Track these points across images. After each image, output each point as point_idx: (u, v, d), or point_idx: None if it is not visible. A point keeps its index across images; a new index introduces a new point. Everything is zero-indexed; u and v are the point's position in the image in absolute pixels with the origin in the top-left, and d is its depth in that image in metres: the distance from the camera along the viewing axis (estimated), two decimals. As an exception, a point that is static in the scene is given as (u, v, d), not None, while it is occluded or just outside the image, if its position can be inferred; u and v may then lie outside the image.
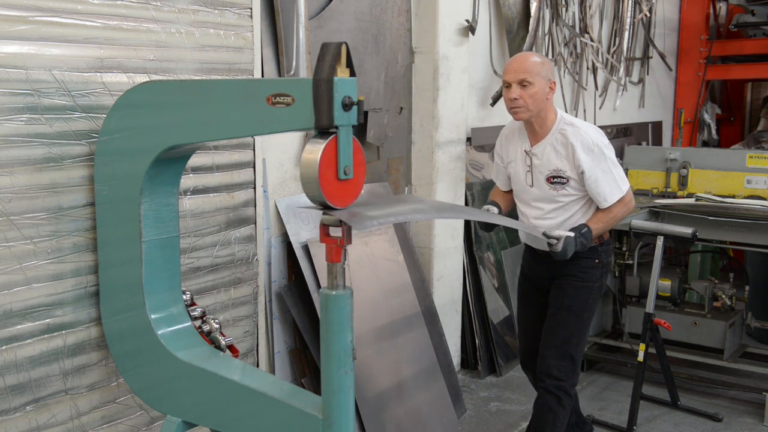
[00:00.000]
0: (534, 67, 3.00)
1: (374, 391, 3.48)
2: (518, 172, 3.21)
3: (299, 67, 3.28)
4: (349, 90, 1.88)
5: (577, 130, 3.04)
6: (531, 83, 2.99)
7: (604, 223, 3.08)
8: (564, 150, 3.05)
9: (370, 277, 3.66)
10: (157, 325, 2.32)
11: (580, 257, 3.11)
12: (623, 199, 3.09)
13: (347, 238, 1.97)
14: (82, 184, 2.40)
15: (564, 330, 3.16)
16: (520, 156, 3.18)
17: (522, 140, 3.19)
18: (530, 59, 3.05)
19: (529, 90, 2.99)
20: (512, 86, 3.01)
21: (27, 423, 2.33)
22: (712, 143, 7.66)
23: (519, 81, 2.99)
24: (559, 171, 3.06)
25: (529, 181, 3.16)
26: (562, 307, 3.17)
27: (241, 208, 3.03)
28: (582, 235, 2.98)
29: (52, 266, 2.35)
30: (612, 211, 3.08)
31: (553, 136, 3.08)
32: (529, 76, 2.99)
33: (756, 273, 4.97)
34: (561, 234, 2.95)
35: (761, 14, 7.10)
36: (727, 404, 4.30)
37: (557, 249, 2.94)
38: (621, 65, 6.36)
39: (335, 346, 2.01)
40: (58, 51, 2.32)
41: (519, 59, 3.08)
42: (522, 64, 3.02)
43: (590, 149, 3.01)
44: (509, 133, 3.30)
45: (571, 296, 3.16)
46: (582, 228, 3.01)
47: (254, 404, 2.19)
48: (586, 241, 3.00)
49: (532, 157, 3.13)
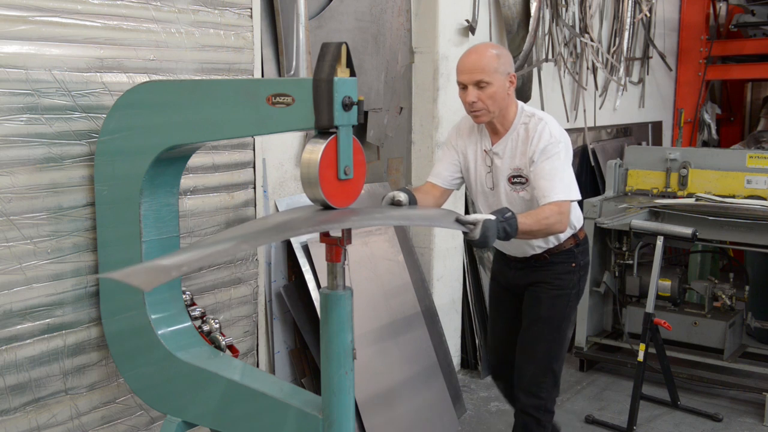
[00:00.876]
0: (490, 64, 2.65)
1: (374, 391, 3.48)
2: (478, 174, 2.89)
3: (299, 67, 3.28)
4: (349, 90, 1.88)
5: (539, 121, 2.74)
6: (489, 83, 2.66)
7: (533, 221, 2.57)
8: (524, 145, 2.74)
9: (370, 277, 3.66)
10: (157, 325, 2.32)
11: (555, 262, 2.89)
12: (561, 206, 2.63)
13: (347, 237, 1.98)
14: (82, 184, 2.40)
15: (542, 344, 2.90)
16: (480, 156, 2.87)
17: (480, 138, 2.88)
18: (486, 54, 2.68)
19: (488, 90, 2.66)
20: (468, 88, 2.69)
21: (27, 423, 2.33)
22: (712, 143, 7.66)
23: (475, 82, 2.67)
24: (519, 170, 2.76)
25: (489, 184, 2.86)
26: (538, 319, 2.89)
27: (241, 208, 3.03)
28: (505, 220, 2.45)
29: (52, 266, 2.35)
30: (545, 211, 2.61)
31: (515, 131, 2.78)
32: (485, 76, 2.65)
33: (756, 273, 4.97)
34: (478, 218, 2.38)
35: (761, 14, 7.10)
36: (727, 404, 4.30)
37: (474, 236, 2.35)
38: (621, 65, 6.36)
39: (335, 346, 2.01)
40: (58, 51, 2.32)
41: (472, 55, 2.71)
42: (477, 63, 2.67)
43: (548, 141, 2.68)
44: (465, 129, 2.95)
45: (548, 306, 2.89)
46: (506, 212, 2.50)
47: (254, 404, 2.19)
48: (510, 228, 2.47)
49: (494, 157, 2.82)
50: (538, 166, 2.68)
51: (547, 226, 2.61)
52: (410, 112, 4.27)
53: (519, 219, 2.52)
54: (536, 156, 2.69)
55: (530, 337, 2.92)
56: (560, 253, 2.90)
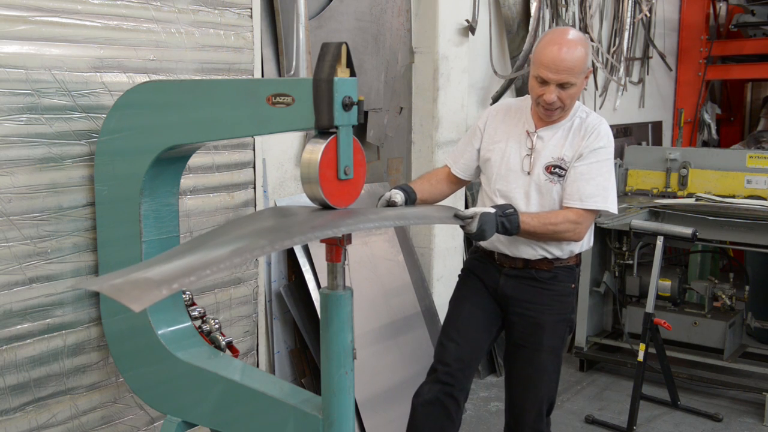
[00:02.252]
0: (579, 65, 2.47)
1: (374, 391, 3.48)
2: (508, 156, 2.67)
3: (299, 67, 3.28)
4: (349, 90, 1.88)
5: (599, 119, 2.62)
6: (573, 84, 2.48)
7: (539, 223, 2.46)
8: (577, 136, 2.59)
9: (370, 277, 3.66)
10: (157, 325, 2.32)
11: (558, 280, 2.67)
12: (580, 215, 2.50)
13: (347, 237, 1.98)
14: (82, 184, 2.40)
15: (546, 376, 2.68)
16: (516, 137, 2.67)
17: (524, 120, 2.69)
18: (576, 54, 2.46)
19: (570, 91, 2.50)
20: (551, 86, 2.48)
21: (27, 423, 2.33)
22: (712, 143, 7.66)
23: (561, 82, 2.47)
24: (562, 160, 2.57)
25: (527, 167, 2.62)
26: (541, 348, 2.65)
27: (241, 208, 3.03)
28: (506, 216, 2.35)
29: (52, 266, 2.35)
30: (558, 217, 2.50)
31: (570, 121, 2.62)
32: (573, 78, 2.46)
33: (756, 273, 4.97)
34: (476, 210, 2.29)
35: (761, 14, 7.10)
36: (727, 404, 4.30)
37: (471, 229, 2.27)
38: (621, 65, 6.36)
39: (335, 346, 2.01)
40: (58, 51, 2.32)
41: (564, 55, 2.45)
42: (566, 62, 2.45)
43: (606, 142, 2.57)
44: (504, 111, 2.77)
45: (550, 333, 2.65)
46: (507, 207, 2.40)
47: (254, 404, 2.19)
48: (510, 226, 2.36)
49: (535, 140, 2.61)
50: (584, 164, 2.54)
51: (553, 234, 2.50)
52: (410, 112, 4.27)
53: (522, 218, 2.41)
54: (587, 152, 2.55)
55: (534, 370, 2.67)
56: (562, 268, 2.68)
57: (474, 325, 2.76)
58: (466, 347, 2.74)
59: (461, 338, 2.74)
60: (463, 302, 2.82)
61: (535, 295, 2.67)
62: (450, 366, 2.72)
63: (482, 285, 2.81)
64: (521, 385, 2.70)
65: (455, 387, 2.71)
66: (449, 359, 2.73)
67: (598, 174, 2.54)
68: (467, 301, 2.81)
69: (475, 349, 2.76)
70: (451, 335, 2.77)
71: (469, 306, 2.79)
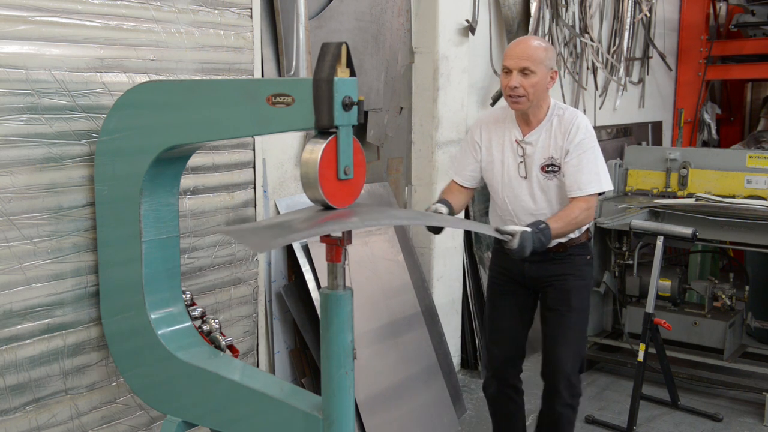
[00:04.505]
0: (538, 54, 2.80)
1: (374, 391, 3.48)
2: (507, 165, 2.98)
3: (299, 67, 3.28)
4: (349, 90, 1.88)
5: (574, 113, 2.91)
6: (533, 72, 2.79)
7: (565, 223, 2.81)
8: (558, 135, 2.88)
9: (370, 277, 3.67)
10: (157, 325, 2.32)
11: (574, 254, 3.01)
12: (589, 201, 2.85)
13: (347, 238, 1.98)
14: (82, 184, 2.40)
15: (574, 332, 3.03)
16: (510, 147, 2.97)
17: (510, 129, 2.98)
18: (533, 44, 2.83)
19: (531, 79, 2.80)
20: (513, 73, 2.81)
21: (27, 423, 2.33)
22: (712, 143, 7.66)
23: (521, 68, 2.79)
24: (552, 158, 2.89)
25: (522, 173, 2.95)
26: (569, 308, 3.01)
27: (241, 208, 3.03)
28: (540, 231, 2.67)
29: (52, 266, 2.35)
30: (574, 211, 2.83)
31: (548, 122, 2.91)
32: (532, 64, 2.79)
33: (756, 273, 4.97)
34: (516, 229, 2.62)
35: (761, 14, 7.10)
36: (727, 404, 4.30)
37: (513, 246, 2.60)
38: (621, 65, 6.37)
39: (335, 346, 2.01)
40: (58, 51, 2.32)
41: (522, 44, 2.85)
42: (525, 50, 2.81)
43: (585, 133, 2.86)
44: (491, 123, 3.05)
45: (575, 296, 3.02)
46: (540, 224, 2.71)
47: (254, 404, 2.19)
48: (545, 238, 2.69)
49: (525, 147, 2.92)
50: (573, 158, 2.85)
51: (576, 225, 2.86)
52: (410, 112, 4.27)
53: (551, 226, 2.73)
54: (572, 147, 2.85)
55: (563, 327, 3.02)
56: (577, 246, 3.02)
57: (511, 326, 3.15)
58: (510, 347, 3.16)
59: (503, 341, 3.16)
60: (497, 307, 3.19)
61: (557, 269, 3.02)
62: (501, 366, 3.17)
63: (511, 281, 3.13)
64: (555, 341, 3.05)
65: (509, 379, 3.18)
66: (498, 362, 3.18)
67: (587, 163, 2.86)
68: (500, 304, 3.18)
69: (518, 343, 3.18)
70: (495, 339, 3.20)
71: (503, 309, 3.16)
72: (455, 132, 4.34)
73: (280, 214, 3.33)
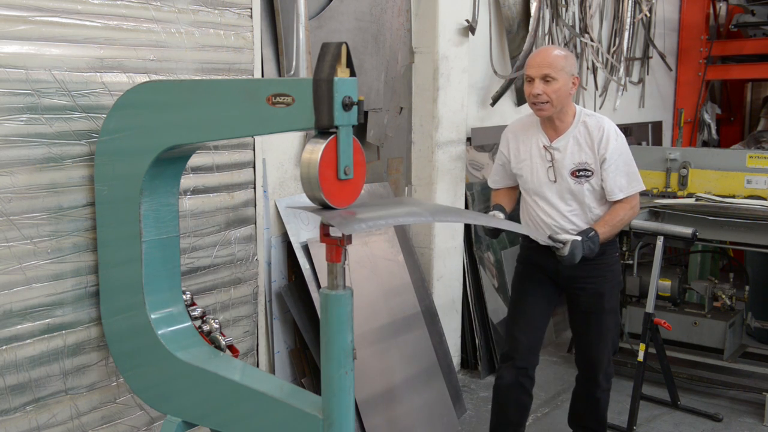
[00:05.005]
0: (558, 62, 2.92)
1: (375, 391, 3.48)
2: (536, 170, 3.12)
3: (299, 67, 3.28)
4: (349, 90, 1.88)
5: (601, 120, 3.04)
6: (555, 78, 2.91)
7: (611, 227, 3.02)
8: (588, 141, 3.01)
9: (370, 277, 3.66)
10: (157, 325, 2.32)
11: (606, 254, 3.11)
12: (631, 201, 3.06)
13: (347, 238, 1.98)
14: (82, 184, 2.40)
15: (610, 332, 3.23)
16: (537, 153, 3.11)
17: (537, 136, 3.11)
18: (554, 53, 2.96)
19: (553, 85, 2.92)
20: (535, 81, 2.93)
21: (27, 423, 2.33)
22: (712, 143, 7.66)
23: (542, 76, 2.91)
24: (584, 164, 3.01)
25: (552, 177, 3.08)
26: (604, 311, 3.17)
27: (241, 208, 3.03)
28: (589, 239, 2.89)
29: (52, 266, 2.35)
30: (618, 213, 3.03)
31: (576, 128, 3.03)
32: (552, 71, 2.91)
33: (756, 273, 4.97)
34: (567, 238, 2.85)
35: (761, 14, 7.10)
36: (727, 404, 4.30)
37: (564, 253, 2.84)
38: (621, 65, 6.37)
39: (335, 346, 2.01)
40: (58, 51, 2.32)
41: (542, 53, 2.99)
42: (546, 59, 2.94)
43: (616, 138, 3.01)
44: (519, 130, 3.20)
45: (609, 297, 3.18)
46: (589, 232, 2.92)
47: (254, 404, 2.19)
48: (594, 245, 2.90)
49: (554, 152, 3.05)
50: (611, 165, 2.99)
51: (622, 225, 3.05)
52: (410, 112, 4.27)
53: (599, 230, 2.92)
54: (608, 155, 2.98)
55: (601, 329, 3.20)
56: (608, 243, 3.10)
57: (538, 314, 3.26)
58: (534, 336, 3.25)
59: (529, 328, 3.23)
60: (527, 294, 3.27)
61: (592, 270, 3.12)
62: (523, 354, 3.22)
63: (542, 273, 3.23)
64: (593, 342, 3.23)
65: (529, 369, 3.25)
66: (522, 349, 3.23)
67: (623, 165, 3.04)
68: (530, 293, 3.26)
69: (541, 333, 3.29)
70: (522, 326, 3.25)
71: (533, 298, 3.25)
72: (455, 132, 4.34)
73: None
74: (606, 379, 3.31)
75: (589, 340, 3.26)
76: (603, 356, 3.25)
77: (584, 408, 3.44)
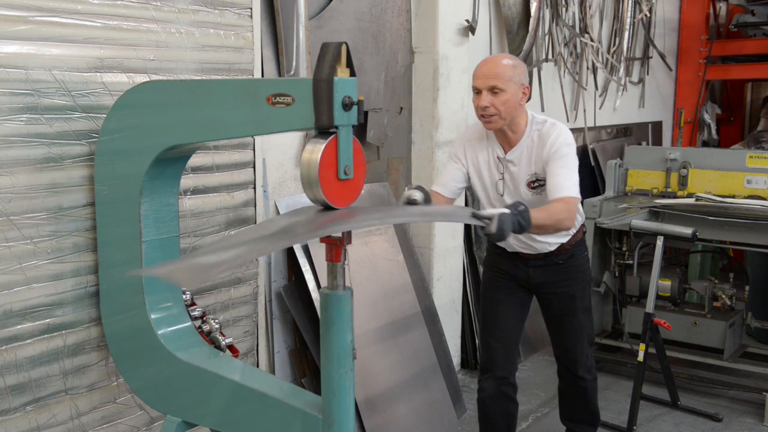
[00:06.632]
0: (506, 72, 2.77)
1: (374, 391, 3.48)
2: (485, 182, 3.01)
3: (299, 67, 3.28)
4: (349, 90, 1.88)
5: (552, 125, 2.88)
6: (503, 90, 2.77)
7: (547, 215, 2.65)
8: (539, 150, 2.87)
9: (370, 277, 3.67)
10: (157, 325, 2.32)
11: (576, 256, 3.10)
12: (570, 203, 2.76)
13: (347, 238, 1.98)
14: (82, 184, 2.40)
15: (584, 329, 3.23)
16: (492, 164, 2.98)
17: (491, 147, 2.98)
18: (501, 62, 2.81)
19: (501, 97, 2.77)
20: (482, 93, 2.78)
21: (27, 423, 2.33)
22: (712, 143, 7.66)
23: (489, 87, 2.77)
24: (537, 174, 2.89)
25: (500, 190, 2.97)
26: (578, 309, 3.16)
27: (241, 208, 3.03)
28: (519, 213, 2.47)
29: (52, 266, 2.35)
30: (556, 206, 2.72)
31: (528, 137, 2.90)
32: (500, 82, 2.76)
33: (756, 273, 4.97)
34: (493, 212, 2.41)
35: (761, 14, 7.10)
36: (727, 404, 4.30)
37: (491, 230, 2.39)
38: (621, 65, 6.37)
39: (335, 346, 2.01)
40: (58, 51, 2.32)
41: (489, 63, 2.83)
42: (493, 69, 2.78)
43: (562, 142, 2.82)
44: (474, 138, 3.04)
45: (581, 297, 3.17)
46: (519, 205, 2.52)
47: (254, 404, 2.19)
48: (525, 222, 2.49)
49: (508, 165, 2.93)
50: (551, 164, 2.83)
51: (557, 221, 2.71)
52: (410, 112, 4.27)
53: (532, 213, 2.55)
54: (550, 155, 2.83)
55: (575, 329, 3.20)
56: (576, 244, 3.10)
57: (512, 322, 3.20)
58: (510, 344, 3.20)
59: (504, 338, 3.18)
60: (498, 303, 3.20)
61: (563, 274, 3.11)
62: (501, 364, 3.19)
63: (512, 280, 3.17)
64: (569, 342, 3.23)
65: (509, 377, 3.21)
66: (499, 360, 3.19)
67: (565, 169, 2.82)
68: (501, 301, 3.20)
69: (516, 340, 3.25)
70: (496, 336, 3.19)
71: (504, 306, 3.19)
72: (455, 132, 4.34)
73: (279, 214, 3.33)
74: (588, 372, 3.31)
75: (564, 342, 3.25)
76: (581, 353, 3.26)
77: (572, 400, 3.43)
